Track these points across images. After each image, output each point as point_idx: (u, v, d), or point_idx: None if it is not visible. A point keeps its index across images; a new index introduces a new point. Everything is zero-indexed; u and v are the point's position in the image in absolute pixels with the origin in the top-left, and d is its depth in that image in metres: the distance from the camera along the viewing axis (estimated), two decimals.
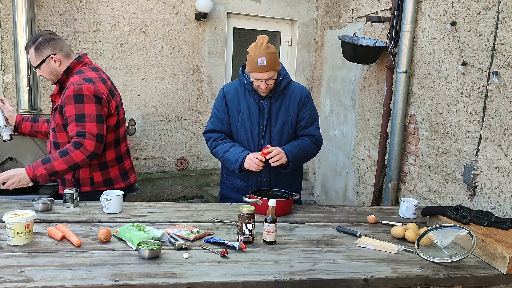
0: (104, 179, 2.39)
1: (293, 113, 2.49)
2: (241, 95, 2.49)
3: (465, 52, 3.06)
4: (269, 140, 2.47)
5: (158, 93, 5.12)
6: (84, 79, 2.23)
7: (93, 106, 2.20)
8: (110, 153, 2.39)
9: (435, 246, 1.89)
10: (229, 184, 2.58)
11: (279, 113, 2.47)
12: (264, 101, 2.46)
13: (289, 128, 2.49)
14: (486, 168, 2.85)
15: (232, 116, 2.50)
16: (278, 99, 2.47)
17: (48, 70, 2.31)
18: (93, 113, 2.20)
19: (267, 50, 2.32)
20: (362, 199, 4.52)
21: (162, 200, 5.12)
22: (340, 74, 5.00)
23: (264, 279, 1.57)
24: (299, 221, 2.23)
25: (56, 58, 2.28)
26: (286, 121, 2.48)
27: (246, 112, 2.47)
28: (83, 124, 2.18)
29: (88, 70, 2.33)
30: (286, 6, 5.59)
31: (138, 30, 4.89)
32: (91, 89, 2.20)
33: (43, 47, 2.26)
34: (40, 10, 4.42)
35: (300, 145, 2.48)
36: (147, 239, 1.76)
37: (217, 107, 2.55)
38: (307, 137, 2.54)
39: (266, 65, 2.30)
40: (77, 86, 2.19)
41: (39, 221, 1.96)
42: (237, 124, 2.50)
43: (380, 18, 3.98)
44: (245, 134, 2.48)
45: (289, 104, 2.49)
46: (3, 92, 4.41)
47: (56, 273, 1.49)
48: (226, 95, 2.52)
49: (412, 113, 3.69)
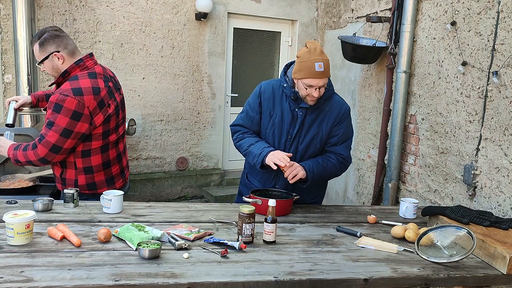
0: (87, 182, 2.37)
1: (326, 129, 2.36)
2: (277, 97, 2.36)
3: (465, 52, 3.06)
4: (295, 151, 2.37)
5: (158, 93, 5.12)
6: (73, 89, 2.19)
7: (66, 120, 2.18)
8: (96, 158, 2.36)
9: (435, 246, 1.89)
10: (247, 183, 2.55)
11: (311, 126, 2.35)
12: (299, 110, 2.32)
13: (317, 143, 2.37)
14: (486, 168, 2.85)
15: (264, 118, 2.40)
16: (315, 111, 2.33)
17: (51, 67, 2.30)
18: (62, 126, 2.18)
19: (322, 55, 2.18)
20: (362, 199, 4.52)
21: (162, 200, 5.12)
22: (340, 74, 5.00)
23: (264, 279, 1.57)
24: (299, 221, 2.23)
25: (59, 56, 2.27)
26: (316, 135, 2.35)
27: (279, 117, 2.36)
28: (47, 130, 2.21)
29: (84, 77, 2.26)
30: (286, 6, 5.59)
31: (138, 30, 4.89)
32: (73, 104, 2.17)
33: (47, 43, 2.25)
34: (40, 10, 4.42)
35: (324, 164, 2.35)
36: (147, 239, 1.76)
37: (250, 104, 2.43)
38: (334, 155, 2.39)
39: (324, 71, 2.17)
40: (62, 96, 2.17)
41: (39, 221, 1.96)
42: (266, 127, 2.40)
43: (380, 18, 3.98)
44: (272, 139, 2.39)
45: (323, 119, 2.35)
46: (3, 92, 4.41)
47: (56, 273, 1.49)
48: (262, 94, 2.40)
49: (412, 113, 3.69)
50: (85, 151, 2.31)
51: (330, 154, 2.40)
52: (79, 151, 2.30)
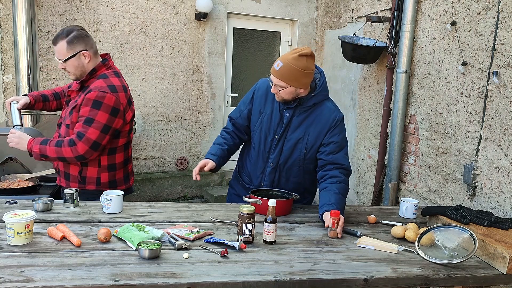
0: (110, 180, 2.42)
1: (312, 134, 2.30)
2: (270, 96, 2.36)
3: (465, 52, 3.06)
4: (280, 152, 2.35)
5: (158, 93, 5.12)
6: (109, 87, 2.29)
7: (106, 116, 2.27)
8: (120, 156, 2.44)
9: (435, 246, 1.89)
10: (238, 176, 2.59)
11: (297, 129, 2.33)
12: (286, 111, 2.32)
13: (302, 147, 2.32)
14: (486, 168, 2.85)
15: (254, 114, 2.41)
16: (302, 114, 2.31)
17: (76, 65, 2.32)
18: (103, 122, 2.26)
19: (293, 60, 2.14)
20: (362, 199, 4.52)
21: (162, 200, 5.12)
22: (340, 74, 5.00)
23: (264, 279, 1.57)
24: (299, 221, 2.23)
25: (87, 54, 2.31)
26: (302, 138, 2.31)
27: (267, 115, 2.36)
28: (87, 128, 2.24)
29: (112, 75, 2.36)
30: (286, 6, 5.59)
31: (138, 30, 4.89)
32: (112, 100, 2.27)
33: (77, 41, 2.28)
34: (40, 10, 4.42)
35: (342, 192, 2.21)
36: (147, 239, 1.76)
37: (245, 98, 2.48)
38: (339, 171, 2.26)
39: (279, 72, 2.16)
40: (101, 93, 2.25)
41: (39, 221, 1.96)
42: (255, 123, 2.41)
43: (380, 18, 3.98)
44: (259, 137, 2.39)
45: (311, 123, 2.31)
46: (3, 92, 4.41)
47: (56, 273, 1.49)
48: (257, 90, 2.42)
49: (412, 113, 3.69)
50: (112, 149, 2.39)
51: (334, 171, 2.26)
52: (107, 149, 2.37)
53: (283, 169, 2.39)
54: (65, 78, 4.60)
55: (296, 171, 2.39)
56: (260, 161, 2.43)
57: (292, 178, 2.41)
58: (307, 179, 2.45)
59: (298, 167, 2.38)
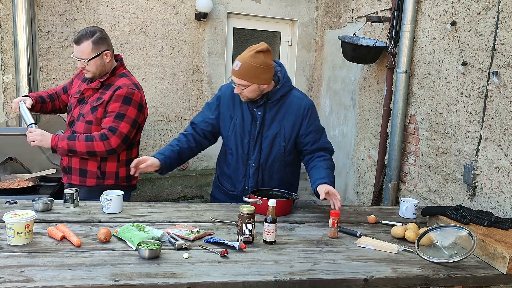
0: (126, 174, 2.50)
1: (288, 126, 2.34)
2: (237, 100, 2.36)
3: (465, 52, 3.06)
4: (259, 151, 2.36)
5: (158, 93, 5.12)
6: (134, 84, 2.46)
7: (135, 111, 2.43)
8: (135, 151, 2.58)
9: (435, 246, 1.89)
10: (219, 185, 2.56)
11: (272, 124, 2.34)
12: (257, 110, 2.32)
13: (280, 140, 2.35)
14: (486, 168, 2.85)
15: (224, 121, 2.40)
16: (273, 108, 2.33)
17: (98, 64, 2.41)
18: (132, 117, 2.42)
19: (250, 58, 2.16)
20: (362, 199, 4.52)
21: (162, 200, 5.12)
22: (340, 74, 5.00)
23: (264, 279, 1.57)
24: (299, 221, 2.23)
25: (108, 54, 2.44)
26: (278, 133, 2.34)
27: (239, 119, 2.36)
28: (119, 122, 2.38)
29: (130, 74, 2.55)
30: (286, 6, 5.59)
31: (138, 30, 4.89)
32: (139, 97, 2.45)
33: (101, 41, 2.41)
34: (40, 10, 4.42)
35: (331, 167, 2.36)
36: (147, 239, 1.76)
37: (209, 105, 2.45)
38: (324, 151, 2.40)
39: (239, 71, 2.17)
40: (130, 90, 2.42)
41: (39, 221, 1.96)
42: (228, 129, 2.39)
43: (380, 18, 3.98)
44: (235, 141, 2.38)
45: (284, 115, 2.33)
46: (3, 92, 4.41)
47: (56, 273, 1.49)
48: (221, 98, 2.42)
49: (412, 113, 3.69)
50: (131, 144, 2.52)
51: (320, 152, 2.39)
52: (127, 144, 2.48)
53: (265, 168, 2.39)
54: (65, 78, 4.60)
55: (278, 167, 2.41)
56: (240, 165, 2.41)
57: (275, 174, 2.42)
58: (288, 172, 2.47)
59: (279, 162, 2.40)
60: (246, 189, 2.43)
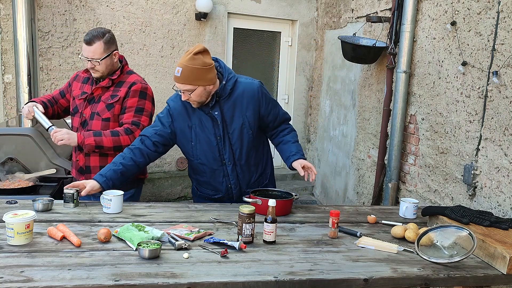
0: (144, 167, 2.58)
1: (250, 114, 2.33)
2: (189, 108, 2.32)
3: (465, 52, 3.06)
4: (230, 148, 2.35)
5: (158, 93, 5.10)
6: (144, 80, 2.62)
7: (150, 105, 2.61)
8: None
9: (435, 246, 1.89)
10: (200, 194, 2.55)
11: (233, 118, 2.32)
12: (213, 111, 2.28)
13: (248, 130, 2.34)
14: (486, 168, 2.85)
15: (184, 133, 2.35)
16: (228, 103, 2.30)
17: (108, 64, 2.50)
18: (149, 110, 2.60)
19: (190, 61, 2.12)
20: (362, 199, 4.52)
21: (162, 200, 5.12)
22: (340, 74, 5.00)
23: (264, 279, 1.57)
24: (299, 221, 2.23)
25: (117, 54, 2.55)
26: (244, 124, 2.32)
27: (198, 126, 2.32)
28: (140, 116, 2.53)
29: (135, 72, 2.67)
30: (286, 6, 5.59)
31: (138, 30, 4.89)
32: (151, 91, 2.62)
33: (112, 42, 2.50)
34: (40, 10, 4.42)
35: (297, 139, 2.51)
36: (147, 239, 1.76)
37: (161, 119, 2.36)
38: (284, 124, 2.53)
39: (180, 76, 2.13)
40: (143, 85, 2.58)
41: (39, 221, 1.96)
42: (191, 140, 2.35)
43: (380, 18, 3.98)
44: (202, 149, 2.35)
45: (242, 106, 2.32)
46: (3, 92, 4.41)
47: (56, 273, 1.49)
48: (173, 111, 2.35)
49: (412, 113, 3.69)
50: None
51: (282, 125, 2.51)
52: None
53: (242, 160, 2.39)
54: (65, 78, 4.60)
55: (253, 154, 2.43)
56: (216, 168, 2.39)
57: (252, 162, 2.45)
58: (261, 152, 2.51)
59: (252, 149, 2.42)
60: (230, 187, 2.43)
